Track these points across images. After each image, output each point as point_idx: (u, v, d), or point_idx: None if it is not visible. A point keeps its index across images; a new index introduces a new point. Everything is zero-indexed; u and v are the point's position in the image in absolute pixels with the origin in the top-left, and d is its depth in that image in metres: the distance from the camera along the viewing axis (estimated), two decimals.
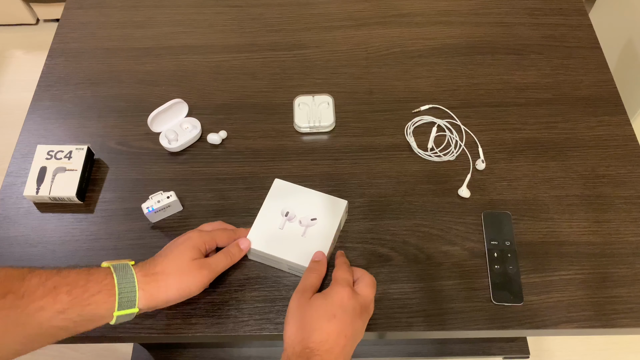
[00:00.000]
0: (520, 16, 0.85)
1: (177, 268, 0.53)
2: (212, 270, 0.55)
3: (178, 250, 0.54)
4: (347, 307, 0.50)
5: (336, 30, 0.84)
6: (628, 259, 0.62)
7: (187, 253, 0.54)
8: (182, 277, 0.52)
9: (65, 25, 0.86)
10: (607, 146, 0.71)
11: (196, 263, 0.54)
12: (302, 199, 0.62)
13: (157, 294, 0.51)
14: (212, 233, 0.58)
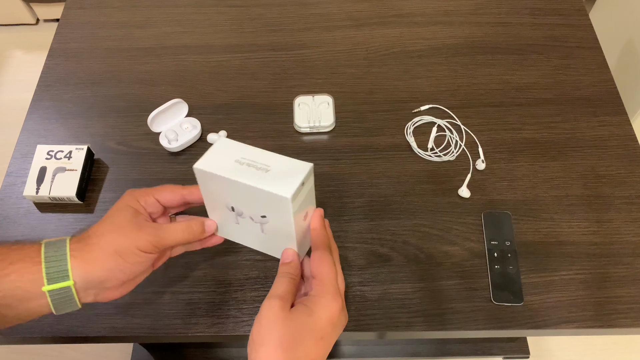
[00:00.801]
0: (521, 16, 0.85)
1: (111, 227, 0.43)
2: (156, 235, 0.44)
3: (111, 210, 0.45)
4: (336, 325, 0.42)
5: (336, 30, 0.84)
6: (628, 259, 0.62)
7: (122, 212, 0.44)
8: (117, 237, 0.43)
9: (65, 25, 0.86)
10: (607, 146, 0.70)
11: (134, 223, 0.44)
12: (237, 190, 0.44)
13: (93, 260, 0.42)
14: (149, 189, 0.47)
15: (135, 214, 0.45)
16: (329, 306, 0.41)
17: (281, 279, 0.44)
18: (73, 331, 0.58)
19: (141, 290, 0.60)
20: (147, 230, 0.44)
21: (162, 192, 0.47)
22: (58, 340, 0.59)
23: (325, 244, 0.45)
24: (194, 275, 0.61)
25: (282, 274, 0.45)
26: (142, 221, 0.44)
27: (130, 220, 0.44)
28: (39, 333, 0.58)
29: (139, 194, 0.46)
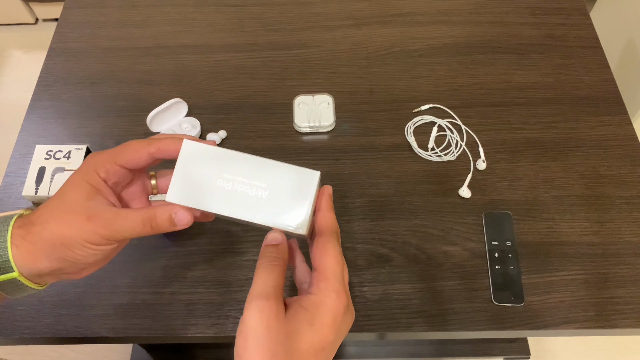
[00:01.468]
0: (521, 16, 0.84)
1: (57, 213, 0.35)
2: (108, 227, 0.35)
3: (65, 185, 0.37)
4: (340, 328, 0.34)
5: (336, 29, 0.83)
6: (629, 259, 0.61)
7: (74, 191, 0.36)
8: (62, 227, 0.35)
9: (65, 24, 0.85)
10: (608, 146, 0.70)
11: (85, 208, 0.35)
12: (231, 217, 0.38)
13: (36, 251, 0.35)
14: (110, 153, 0.38)
15: (91, 194, 0.36)
16: (333, 307, 0.33)
17: (268, 268, 0.35)
18: (72, 332, 0.58)
19: (140, 291, 0.60)
20: (97, 221, 0.35)
21: (125, 155, 0.38)
22: (57, 341, 0.59)
23: (332, 230, 0.37)
24: (194, 275, 0.61)
25: (269, 259, 0.35)
26: (95, 206, 0.36)
27: (81, 203, 0.35)
28: (38, 334, 0.57)
29: (98, 163, 0.37)
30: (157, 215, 0.37)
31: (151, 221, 0.37)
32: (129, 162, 0.38)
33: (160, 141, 0.38)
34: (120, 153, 0.38)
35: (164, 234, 0.64)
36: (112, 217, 0.36)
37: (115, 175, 0.38)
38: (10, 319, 0.58)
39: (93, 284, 0.60)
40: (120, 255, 0.62)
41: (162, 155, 0.38)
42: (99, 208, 0.36)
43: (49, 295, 0.60)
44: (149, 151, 0.38)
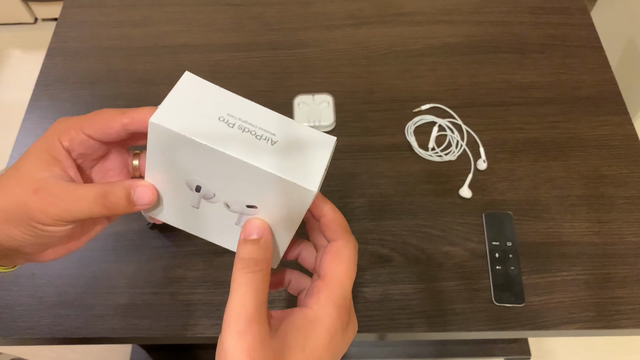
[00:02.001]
0: (522, 15, 0.84)
1: (4, 184, 0.30)
2: (53, 202, 0.29)
3: (22, 156, 0.32)
4: (337, 349, 0.29)
5: (336, 29, 0.83)
6: (630, 260, 0.61)
7: (30, 160, 0.31)
8: (6, 199, 0.30)
9: (64, 24, 0.85)
10: (609, 146, 0.70)
11: (35, 180, 0.30)
12: (219, 166, 0.29)
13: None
14: (78, 120, 0.32)
15: (47, 165, 0.30)
16: (331, 326, 0.28)
17: (246, 278, 0.28)
18: (72, 332, 0.57)
19: (140, 291, 0.60)
20: (43, 196, 0.29)
21: (93, 123, 0.31)
22: (57, 342, 0.59)
23: (348, 231, 0.32)
24: (193, 276, 0.61)
25: (247, 265, 0.29)
26: (47, 178, 0.30)
27: (32, 174, 0.30)
28: (37, 334, 0.57)
29: (63, 130, 0.31)
30: (111, 191, 0.30)
31: (104, 199, 0.30)
32: (98, 132, 0.31)
33: (136, 111, 0.31)
34: (89, 120, 0.31)
35: (161, 233, 0.63)
36: (60, 192, 0.29)
37: (82, 145, 0.31)
38: (10, 320, 0.58)
39: (92, 284, 0.60)
40: (119, 256, 0.62)
41: (138, 127, 0.31)
42: (50, 181, 0.30)
43: (49, 296, 0.59)
44: (122, 121, 0.31)
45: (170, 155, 0.30)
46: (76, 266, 0.61)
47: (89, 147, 0.32)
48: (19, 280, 0.60)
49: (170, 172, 0.31)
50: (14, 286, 0.60)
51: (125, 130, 0.31)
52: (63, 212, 0.29)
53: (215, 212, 0.33)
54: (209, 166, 0.29)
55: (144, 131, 0.30)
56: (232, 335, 0.26)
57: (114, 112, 0.31)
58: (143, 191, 0.31)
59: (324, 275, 0.30)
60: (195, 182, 0.31)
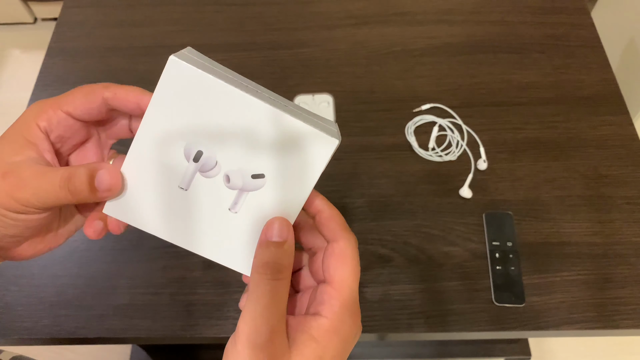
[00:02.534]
0: (522, 15, 0.84)
1: None
2: (21, 186, 0.27)
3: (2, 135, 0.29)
4: (347, 353, 0.28)
5: (336, 28, 0.83)
6: (630, 260, 0.61)
7: (2, 144, 0.28)
8: None
9: (63, 24, 0.85)
10: (610, 146, 0.70)
11: (3, 164, 0.28)
12: (235, 120, 0.27)
13: None
14: (57, 99, 0.29)
15: (20, 149, 0.28)
16: (349, 336, 0.27)
17: (270, 290, 0.26)
18: (71, 332, 0.57)
19: (140, 291, 0.60)
20: (12, 180, 0.27)
21: (73, 99, 0.29)
22: (56, 342, 0.59)
23: (348, 230, 0.30)
24: (193, 276, 0.60)
25: (271, 272, 0.26)
26: (19, 162, 0.27)
27: (4, 159, 0.28)
28: (37, 334, 0.57)
29: (40, 110, 0.29)
30: (75, 174, 0.27)
31: (68, 182, 0.27)
32: (78, 108, 0.29)
33: (120, 87, 0.29)
34: (68, 97, 0.29)
35: None
36: (29, 175, 0.27)
37: (60, 125, 0.29)
38: (9, 320, 0.58)
39: (92, 284, 0.60)
40: (119, 256, 0.62)
41: (120, 105, 0.29)
42: (21, 165, 0.27)
43: (48, 296, 0.59)
44: (104, 94, 0.28)
45: (179, 108, 0.27)
46: (76, 266, 0.61)
47: (68, 128, 0.30)
48: (18, 280, 0.60)
49: (169, 136, 0.28)
50: (14, 286, 0.60)
51: (106, 106, 0.29)
52: (31, 197, 0.27)
53: (206, 196, 0.29)
54: (225, 120, 0.27)
55: (126, 110, 0.29)
56: (250, 348, 0.25)
57: (96, 86, 0.29)
58: (104, 174, 0.28)
59: (331, 280, 0.28)
60: (197, 146, 0.28)
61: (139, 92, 0.29)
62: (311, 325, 0.26)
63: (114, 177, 0.28)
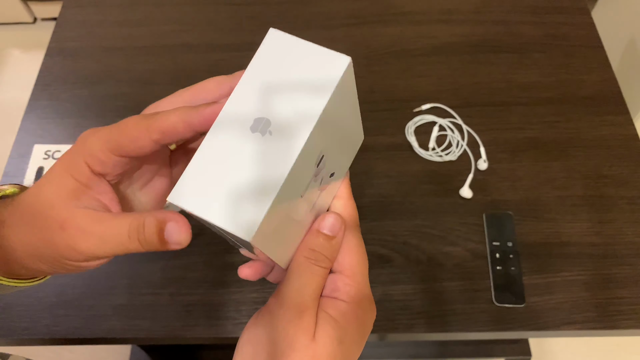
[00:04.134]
0: (523, 15, 0.84)
1: (28, 214, 0.27)
2: (85, 238, 0.25)
3: (43, 180, 0.27)
4: (363, 343, 0.29)
5: (336, 28, 0.83)
6: (631, 260, 0.61)
7: (52, 186, 0.26)
8: (29, 233, 0.26)
9: (63, 23, 0.85)
10: (610, 146, 0.70)
11: (59, 211, 0.25)
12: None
13: (6, 259, 0.28)
14: (108, 136, 0.26)
15: (74, 193, 0.26)
16: (369, 322, 0.28)
17: (312, 271, 0.27)
18: (70, 333, 0.57)
19: (139, 292, 0.59)
20: (73, 231, 0.25)
21: (121, 143, 0.26)
22: (55, 342, 0.58)
23: (356, 222, 0.30)
24: (193, 276, 0.60)
25: (316, 259, 0.27)
26: (75, 209, 0.26)
27: (57, 206, 0.26)
28: (36, 334, 0.57)
29: (89, 153, 0.26)
30: (145, 225, 0.25)
31: (138, 233, 0.25)
32: (131, 152, 0.26)
33: (163, 119, 0.26)
34: (116, 141, 0.26)
35: None
36: (90, 226, 0.25)
37: (117, 167, 0.27)
38: (8, 320, 0.58)
39: (91, 284, 0.60)
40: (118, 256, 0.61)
41: (172, 139, 0.27)
42: (78, 214, 0.26)
43: (48, 296, 0.59)
44: (152, 138, 0.26)
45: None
46: None
47: (127, 164, 0.27)
48: None
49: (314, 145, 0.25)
50: None
51: (159, 145, 0.27)
52: (95, 249, 0.26)
53: (305, 202, 0.27)
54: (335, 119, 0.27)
55: (181, 139, 0.27)
56: (297, 311, 0.26)
57: (139, 127, 0.26)
58: (173, 228, 0.25)
59: (343, 269, 0.28)
60: (324, 150, 0.26)
61: (187, 115, 0.26)
62: (330, 306, 0.27)
63: (184, 231, 0.25)
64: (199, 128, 0.26)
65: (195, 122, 0.26)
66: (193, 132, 0.26)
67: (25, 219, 0.26)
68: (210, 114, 0.26)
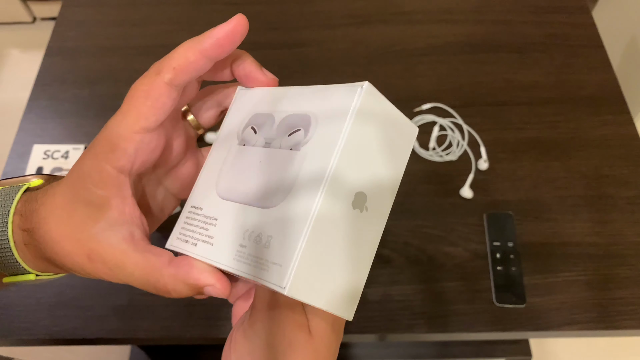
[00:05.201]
0: (523, 14, 0.84)
1: (56, 231, 0.24)
2: (108, 275, 0.24)
3: (64, 185, 0.25)
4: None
5: (336, 28, 0.83)
6: (632, 260, 0.61)
7: (72, 205, 0.24)
8: (59, 253, 0.24)
9: (63, 23, 0.85)
10: (611, 146, 0.70)
11: (85, 236, 0.23)
12: None
13: (44, 262, 0.26)
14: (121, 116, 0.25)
15: (95, 212, 0.24)
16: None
17: None
18: (70, 333, 0.57)
19: (139, 292, 0.59)
20: (98, 267, 0.24)
21: (138, 110, 0.25)
22: (55, 343, 0.58)
23: None
24: None
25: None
26: (100, 236, 0.23)
27: (80, 230, 0.24)
28: (35, 335, 0.57)
29: (109, 145, 0.24)
30: (171, 286, 0.24)
31: (166, 292, 0.24)
32: (150, 116, 0.25)
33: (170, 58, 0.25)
34: (130, 111, 0.25)
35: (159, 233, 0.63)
36: (115, 264, 0.23)
37: (140, 153, 0.25)
38: (8, 321, 0.58)
39: (91, 285, 0.60)
40: None
41: (187, 75, 0.25)
42: (102, 244, 0.23)
43: (47, 297, 0.59)
44: (164, 81, 0.25)
45: None
46: None
47: (148, 149, 0.25)
48: None
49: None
50: (12, 287, 0.60)
51: (177, 90, 0.25)
52: (123, 282, 0.24)
53: None
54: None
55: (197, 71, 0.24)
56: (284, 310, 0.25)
57: (148, 79, 0.25)
58: (213, 291, 0.24)
59: None
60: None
61: (191, 43, 0.24)
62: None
63: (224, 288, 0.24)
64: (212, 53, 0.24)
65: (206, 46, 0.24)
66: (206, 58, 0.24)
67: (54, 235, 0.24)
68: (219, 34, 0.24)
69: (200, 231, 0.25)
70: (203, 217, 0.26)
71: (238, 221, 0.24)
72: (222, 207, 0.25)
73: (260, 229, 0.23)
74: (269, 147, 0.25)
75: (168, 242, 0.27)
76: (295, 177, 0.23)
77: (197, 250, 0.25)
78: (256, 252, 0.23)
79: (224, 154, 0.27)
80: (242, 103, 0.28)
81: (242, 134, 0.27)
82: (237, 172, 0.26)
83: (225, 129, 0.28)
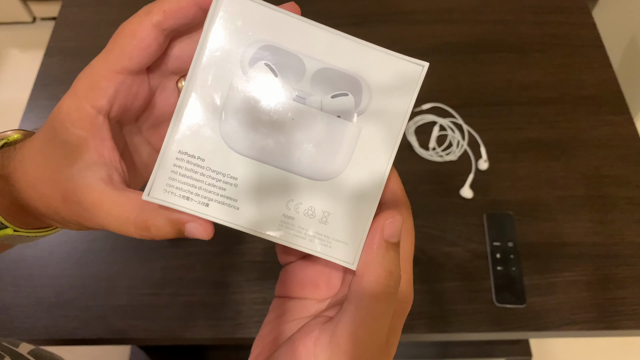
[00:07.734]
0: (523, 14, 0.84)
1: (32, 175, 0.24)
2: (87, 218, 0.23)
3: (42, 133, 0.25)
4: None
5: (336, 28, 0.83)
6: (632, 260, 0.61)
7: (50, 147, 0.24)
8: (35, 198, 0.24)
9: (62, 23, 0.85)
10: (611, 146, 0.70)
11: (61, 177, 0.23)
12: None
13: (20, 211, 0.26)
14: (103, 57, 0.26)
15: (71, 153, 0.23)
16: None
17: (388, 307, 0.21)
18: (70, 333, 0.57)
19: (138, 292, 0.59)
20: (74, 209, 0.23)
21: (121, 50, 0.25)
22: (55, 343, 0.58)
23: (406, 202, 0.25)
24: (192, 277, 0.60)
25: (390, 284, 0.21)
26: (76, 177, 0.23)
27: (56, 170, 0.23)
28: (35, 335, 0.57)
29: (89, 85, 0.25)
30: (153, 224, 0.22)
31: (146, 231, 0.22)
32: (133, 56, 0.24)
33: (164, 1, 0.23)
34: (113, 51, 0.25)
35: None
36: (92, 206, 0.22)
37: (120, 94, 0.24)
38: (7, 321, 0.58)
39: (91, 285, 0.60)
40: (118, 256, 0.61)
41: (175, 19, 0.23)
42: (78, 186, 0.22)
43: (47, 297, 0.59)
44: (152, 22, 0.23)
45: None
46: (74, 267, 0.61)
47: (129, 92, 0.24)
48: (17, 280, 0.60)
49: None
50: (12, 287, 0.60)
51: (162, 34, 0.24)
52: (99, 226, 0.23)
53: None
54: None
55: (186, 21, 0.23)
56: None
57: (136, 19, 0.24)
58: (194, 228, 0.22)
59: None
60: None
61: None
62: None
63: (207, 229, 0.22)
64: (205, 2, 0.22)
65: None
66: (197, 7, 0.23)
67: (31, 181, 0.24)
68: None
69: (211, 189, 0.22)
70: (211, 171, 0.22)
71: (276, 188, 0.22)
72: (241, 165, 0.22)
73: (311, 202, 0.22)
74: (302, 103, 0.22)
75: (146, 193, 0.22)
76: (351, 152, 0.22)
77: (211, 211, 0.22)
78: (310, 226, 0.22)
79: (221, 85, 0.22)
80: (234, 16, 0.22)
81: (251, 68, 0.22)
82: (256, 123, 0.22)
83: (213, 47, 0.22)
